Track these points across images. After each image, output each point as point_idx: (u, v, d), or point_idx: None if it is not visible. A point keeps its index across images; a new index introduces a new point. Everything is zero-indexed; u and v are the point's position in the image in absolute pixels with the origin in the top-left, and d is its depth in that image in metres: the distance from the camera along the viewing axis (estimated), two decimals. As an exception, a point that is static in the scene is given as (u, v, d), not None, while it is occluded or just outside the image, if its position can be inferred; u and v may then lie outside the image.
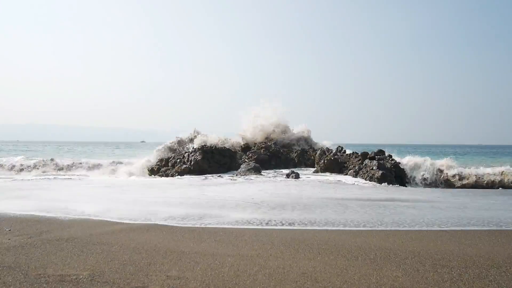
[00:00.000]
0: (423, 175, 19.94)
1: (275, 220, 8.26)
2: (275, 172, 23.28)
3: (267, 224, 7.97)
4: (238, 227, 7.65)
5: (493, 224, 8.08)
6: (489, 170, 19.57)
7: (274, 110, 31.52)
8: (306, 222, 8.08)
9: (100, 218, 8.32)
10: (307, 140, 30.63)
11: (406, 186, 18.67)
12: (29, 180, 18.25)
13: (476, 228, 7.73)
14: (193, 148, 24.60)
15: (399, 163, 21.02)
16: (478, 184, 18.62)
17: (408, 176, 20.17)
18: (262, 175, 21.30)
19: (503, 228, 7.78)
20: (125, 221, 7.98)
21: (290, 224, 7.89)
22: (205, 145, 24.29)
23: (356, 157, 24.18)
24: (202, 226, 7.68)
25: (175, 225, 7.70)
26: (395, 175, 19.61)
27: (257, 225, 7.86)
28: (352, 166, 22.12)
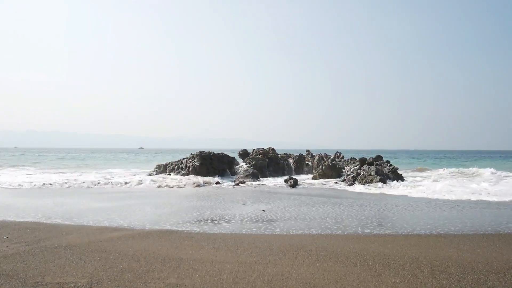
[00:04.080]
0: None
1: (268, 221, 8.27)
2: (274, 178, 23.29)
3: (265, 230, 7.96)
4: (237, 232, 7.64)
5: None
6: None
7: None
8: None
9: (99, 225, 8.30)
10: None
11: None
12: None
13: (474, 232, 7.75)
14: (191, 154, 24.58)
15: (397, 168, 21.05)
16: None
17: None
18: (260, 180, 21.30)
19: (500, 232, 7.79)
20: (123, 227, 7.96)
21: (288, 229, 7.90)
22: (203, 151, 24.29)
23: (354, 162, 24.23)
24: (201, 232, 7.67)
25: (174, 230, 7.69)
26: (393, 181, 19.62)
27: (256, 231, 7.85)
28: (350, 171, 22.14)
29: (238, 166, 25.16)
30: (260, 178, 22.30)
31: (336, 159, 25.75)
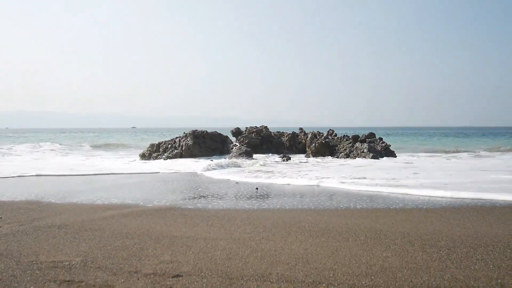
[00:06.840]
0: None
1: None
2: (267, 155, 23.37)
3: (259, 206, 8.02)
4: (230, 209, 7.69)
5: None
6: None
7: None
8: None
9: (92, 204, 8.31)
10: None
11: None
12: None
13: (464, 206, 7.86)
14: (184, 133, 24.50)
15: (389, 145, 21.17)
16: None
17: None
18: (254, 159, 21.34)
19: (489, 205, 7.90)
20: (117, 206, 7.98)
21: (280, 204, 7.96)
22: (196, 130, 24.21)
23: (347, 140, 24.31)
24: (195, 209, 7.70)
25: (167, 208, 7.72)
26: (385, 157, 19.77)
27: (249, 208, 7.90)
28: (343, 149, 22.24)
29: (231, 144, 25.15)
30: (254, 156, 22.35)
31: (329, 137, 25.81)
